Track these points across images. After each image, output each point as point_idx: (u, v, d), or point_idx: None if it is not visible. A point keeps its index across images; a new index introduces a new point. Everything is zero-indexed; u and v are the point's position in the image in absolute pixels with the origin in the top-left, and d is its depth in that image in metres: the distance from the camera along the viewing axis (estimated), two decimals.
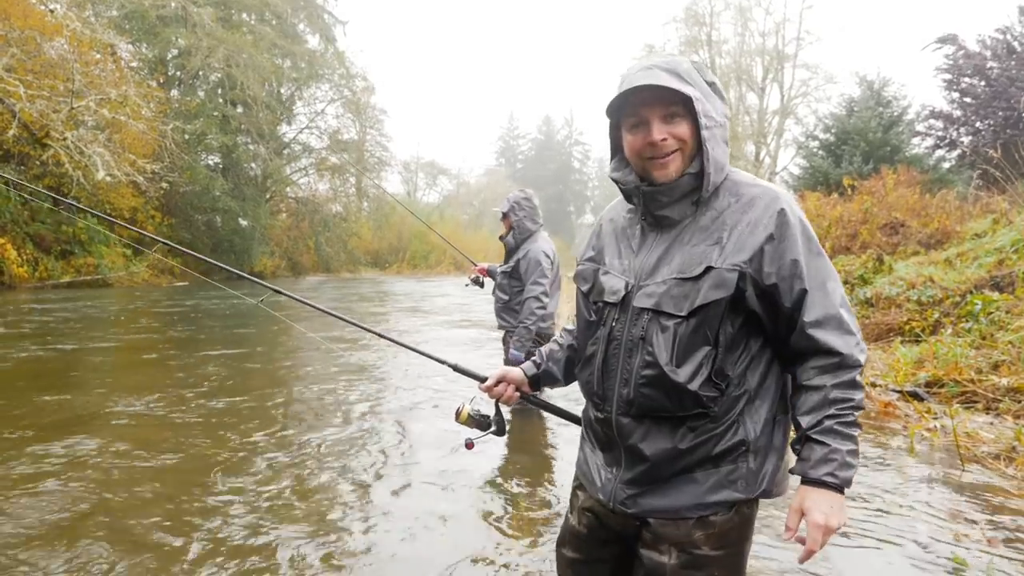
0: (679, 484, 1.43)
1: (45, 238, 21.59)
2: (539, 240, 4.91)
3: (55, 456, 4.21)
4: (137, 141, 22.92)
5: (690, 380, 1.37)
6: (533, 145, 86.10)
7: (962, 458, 4.15)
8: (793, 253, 1.37)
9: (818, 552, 1.38)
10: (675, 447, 1.41)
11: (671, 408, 1.40)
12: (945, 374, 5.69)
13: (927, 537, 3.09)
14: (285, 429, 4.97)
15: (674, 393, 1.38)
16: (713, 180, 1.42)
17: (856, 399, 1.35)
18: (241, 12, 36.06)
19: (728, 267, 1.37)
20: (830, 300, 1.38)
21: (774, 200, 1.41)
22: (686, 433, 1.41)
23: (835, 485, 1.34)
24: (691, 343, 1.38)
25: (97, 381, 6.71)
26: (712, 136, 1.40)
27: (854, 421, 1.35)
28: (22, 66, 18.78)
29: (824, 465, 1.34)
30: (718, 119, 1.42)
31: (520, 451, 4.56)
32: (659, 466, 1.43)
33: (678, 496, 1.43)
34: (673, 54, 1.50)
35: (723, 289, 1.36)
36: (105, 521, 3.24)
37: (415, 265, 48.94)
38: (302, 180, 42.37)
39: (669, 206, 1.46)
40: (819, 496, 1.35)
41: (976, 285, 7.36)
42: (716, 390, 1.37)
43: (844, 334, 1.37)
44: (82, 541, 3.00)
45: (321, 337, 9.36)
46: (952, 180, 17.42)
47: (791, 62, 37.44)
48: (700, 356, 1.37)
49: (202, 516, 3.30)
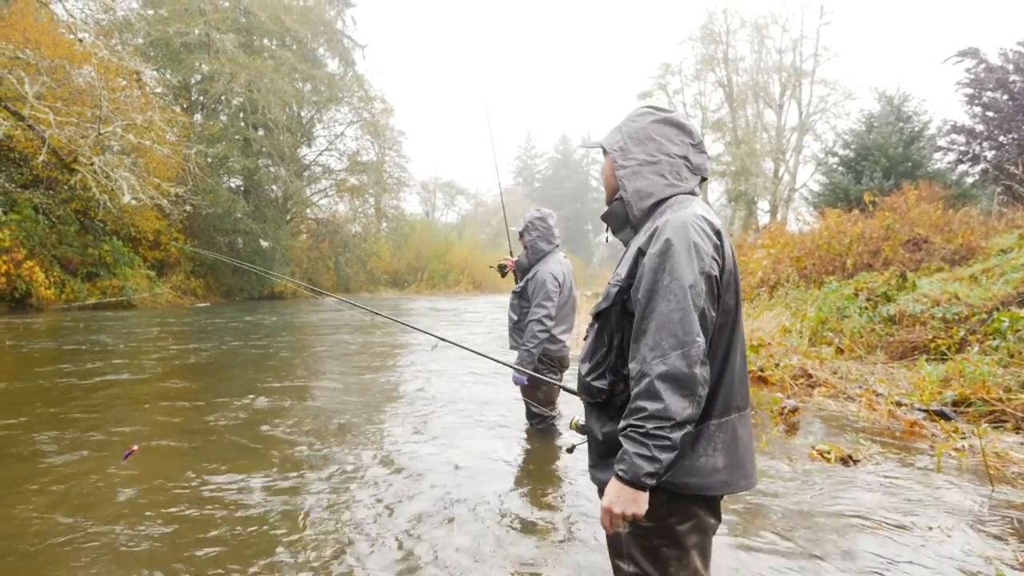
0: (609, 465, 1.70)
1: (72, 260, 22.00)
2: (550, 261, 4.84)
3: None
4: (161, 165, 23.36)
5: (588, 373, 1.80)
6: (550, 164, 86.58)
7: (991, 478, 4.06)
8: (646, 269, 1.66)
9: (609, 529, 1.65)
10: (594, 430, 1.83)
11: (585, 396, 1.83)
12: (972, 393, 5.58)
13: (957, 559, 3.03)
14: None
15: (581, 383, 1.84)
16: (637, 207, 1.85)
17: (650, 408, 1.55)
18: (263, 38, 36.78)
19: (614, 282, 1.76)
20: (648, 311, 1.62)
21: (660, 230, 1.68)
22: (600, 419, 1.81)
23: (624, 479, 1.58)
24: (595, 343, 1.80)
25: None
26: (626, 173, 1.86)
27: (646, 431, 1.55)
28: (52, 93, 19.25)
29: (619, 462, 1.60)
30: (641, 159, 1.86)
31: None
32: (593, 444, 1.86)
33: (606, 472, 1.71)
34: (647, 107, 1.95)
35: (606, 300, 1.77)
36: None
37: (434, 285, 49.19)
38: (322, 201, 42.92)
39: (618, 231, 1.95)
40: (612, 485, 1.62)
41: (1003, 302, 7.24)
42: (607, 384, 1.76)
43: (646, 347, 1.60)
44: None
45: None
46: (975, 195, 17.22)
47: (809, 78, 37.35)
48: (599, 354, 1.78)
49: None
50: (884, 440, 5.07)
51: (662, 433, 1.53)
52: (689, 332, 1.56)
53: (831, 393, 6.60)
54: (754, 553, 3.11)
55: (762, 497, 3.81)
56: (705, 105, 41.07)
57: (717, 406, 1.70)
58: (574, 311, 5.08)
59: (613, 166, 1.90)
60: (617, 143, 1.91)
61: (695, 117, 39.60)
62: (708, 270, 1.62)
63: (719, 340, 1.70)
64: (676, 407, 1.53)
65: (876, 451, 4.77)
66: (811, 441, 5.01)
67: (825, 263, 11.95)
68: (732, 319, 1.72)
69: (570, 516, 3.62)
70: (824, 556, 3.08)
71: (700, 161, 1.89)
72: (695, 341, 1.56)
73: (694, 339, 1.56)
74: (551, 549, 3.18)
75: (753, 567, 2.97)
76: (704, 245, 1.64)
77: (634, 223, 1.86)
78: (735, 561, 3.01)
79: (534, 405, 5.08)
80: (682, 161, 1.85)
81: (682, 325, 1.56)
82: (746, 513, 3.57)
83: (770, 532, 3.35)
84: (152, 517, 3.52)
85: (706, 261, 1.63)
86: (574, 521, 3.55)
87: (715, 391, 1.69)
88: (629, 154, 1.87)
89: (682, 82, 41.23)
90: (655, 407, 1.53)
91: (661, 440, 1.54)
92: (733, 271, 1.72)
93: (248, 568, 2.96)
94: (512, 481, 4.26)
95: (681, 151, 1.85)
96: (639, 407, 1.56)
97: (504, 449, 4.98)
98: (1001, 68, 17.00)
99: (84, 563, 3.01)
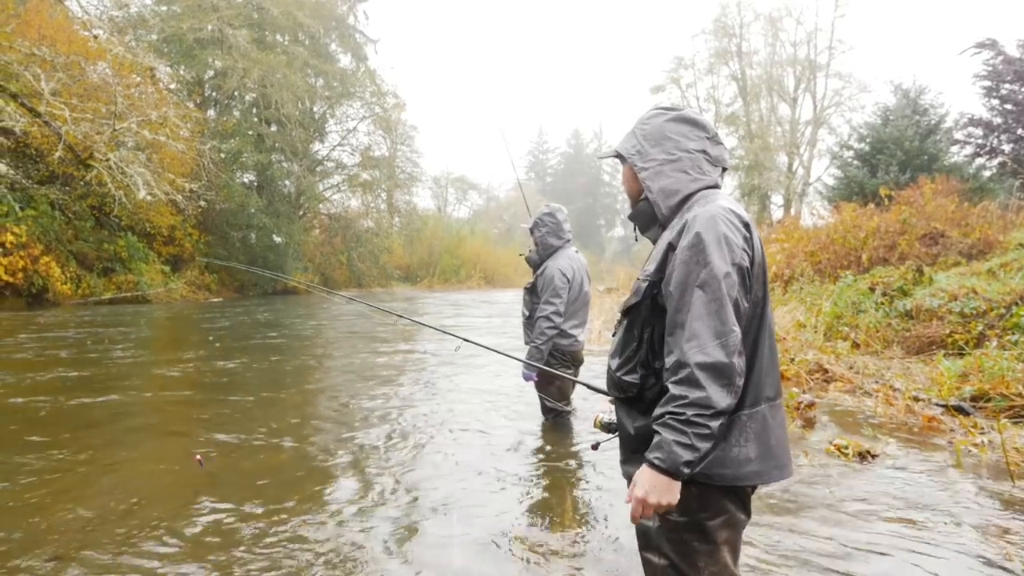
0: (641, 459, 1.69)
1: (87, 256, 22.19)
2: (560, 257, 4.85)
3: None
4: (175, 161, 23.49)
5: (618, 368, 1.80)
6: (562, 159, 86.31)
7: (1012, 474, 4.03)
8: (678, 262, 1.67)
9: (639, 519, 1.64)
10: (625, 426, 1.84)
11: (615, 392, 1.85)
12: (991, 388, 5.53)
13: (976, 554, 3.01)
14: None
15: (611, 379, 1.85)
16: (665, 204, 1.85)
17: (691, 396, 1.54)
18: (275, 33, 36.85)
19: (644, 277, 1.78)
20: (682, 303, 1.62)
21: (690, 225, 1.69)
22: (631, 415, 1.82)
23: (660, 468, 1.56)
24: (625, 339, 1.81)
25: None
26: (648, 175, 1.87)
27: (687, 418, 1.54)
28: (67, 90, 19.39)
29: (654, 450, 1.58)
30: (661, 159, 1.87)
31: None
32: (624, 440, 1.87)
33: (639, 466, 1.68)
34: (657, 107, 1.97)
35: (636, 295, 1.78)
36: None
37: (446, 279, 49.24)
38: (334, 196, 42.94)
39: (646, 230, 1.95)
40: (646, 474, 1.59)
41: (1022, 296, 7.16)
42: (639, 379, 1.76)
43: (683, 339, 1.60)
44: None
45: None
46: (993, 189, 17.00)
47: (823, 72, 36.99)
48: (630, 350, 1.79)
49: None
50: (902, 435, 5.04)
51: (702, 421, 1.54)
52: (726, 322, 1.58)
53: (847, 388, 6.56)
54: (769, 548, 3.10)
55: (779, 491, 3.80)
56: (718, 99, 40.79)
57: (748, 396, 1.71)
58: (586, 306, 5.06)
59: (634, 170, 1.92)
60: (634, 147, 1.93)
61: (708, 111, 39.35)
62: (739, 261, 1.65)
63: (748, 331, 1.71)
64: (716, 396, 1.54)
65: (894, 446, 4.75)
66: (828, 436, 4.99)
67: (840, 257, 11.87)
68: (760, 310, 1.74)
69: (588, 513, 3.62)
70: (840, 550, 3.07)
71: (718, 153, 1.91)
72: (732, 331, 1.58)
73: (731, 328, 1.58)
74: (573, 544, 3.19)
75: (767, 560, 2.97)
76: (734, 237, 1.66)
77: (663, 221, 1.87)
78: (749, 554, 3.00)
79: (548, 400, 5.09)
80: (701, 155, 1.87)
81: (719, 316, 1.58)
82: (762, 507, 3.56)
83: (786, 526, 3.34)
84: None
85: (737, 252, 1.65)
86: (595, 515, 3.55)
87: (746, 381, 1.69)
88: (648, 156, 1.89)
89: (695, 76, 40.97)
90: (696, 395, 1.54)
91: (701, 428, 1.54)
92: (762, 262, 1.74)
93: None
94: (527, 476, 4.27)
95: (698, 146, 1.87)
96: (679, 395, 1.56)
97: (519, 442, 5.00)
98: (1020, 60, 16.76)
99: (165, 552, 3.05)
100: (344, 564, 2.99)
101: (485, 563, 3.00)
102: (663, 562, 1.79)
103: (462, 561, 3.03)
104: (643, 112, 2.00)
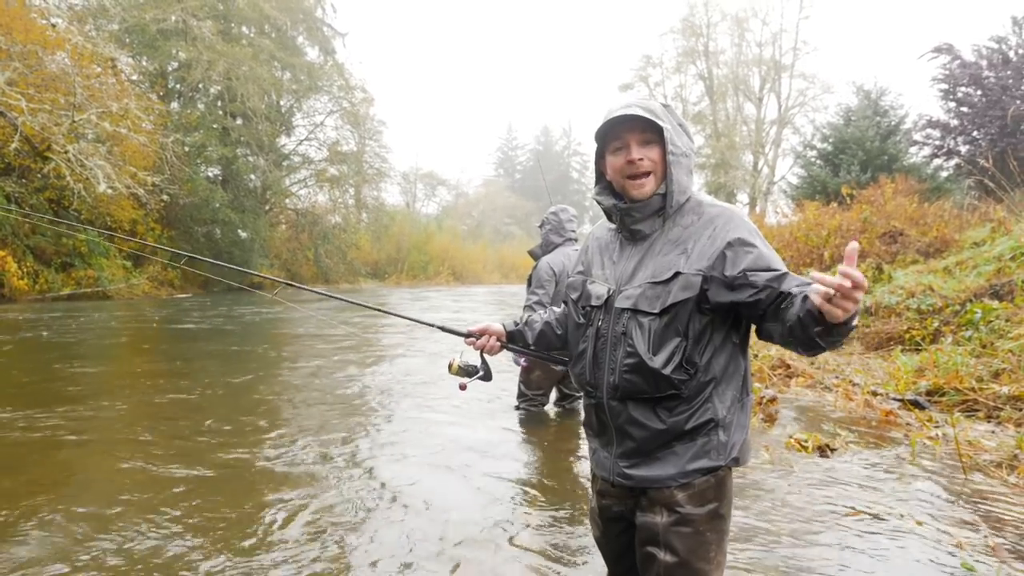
0: (664, 457, 1.71)
1: (45, 251, 21.62)
2: (556, 253, 5.13)
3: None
4: (137, 154, 23.00)
5: (664, 366, 1.65)
6: (532, 155, 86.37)
7: (964, 467, 4.16)
8: (754, 250, 1.64)
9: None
10: (653, 424, 1.70)
11: (648, 390, 1.68)
12: (946, 383, 5.71)
13: (931, 544, 3.10)
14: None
15: (651, 378, 1.66)
16: (676, 199, 1.74)
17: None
18: (241, 25, 36.28)
19: (693, 272, 1.65)
20: (773, 262, 1.63)
21: (730, 218, 1.70)
22: (661, 412, 1.69)
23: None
24: (664, 335, 1.66)
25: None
26: (677, 162, 1.72)
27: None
28: (24, 80, 18.87)
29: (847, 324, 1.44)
30: (684, 150, 1.74)
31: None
32: (644, 440, 1.72)
33: (663, 467, 1.71)
34: (648, 98, 1.86)
35: (690, 290, 1.65)
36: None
37: (414, 276, 49.05)
38: (301, 191, 42.50)
39: (641, 221, 1.78)
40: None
41: (976, 294, 7.40)
42: (686, 374, 1.65)
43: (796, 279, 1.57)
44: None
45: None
46: (950, 189, 17.50)
47: (788, 72, 37.72)
48: (672, 346, 1.65)
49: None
50: (860, 429, 5.17)
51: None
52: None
53: (808, 383, 6.71)
54: (731, 541, 3.16)
55: (740, 485, 3.87)
56: (686, 98, 41.33)
57: (747, 383, 1.78)
58: None
59: (662, 149, 1.72)
60: (669, 125, 1.73)
61: (676, 109, 39.73)
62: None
63: (746, 327, 1.77)
64: None
65: (853, 440, 4.86)
66: (789, 431, 5.09)
67: (803, 255, 12.11)
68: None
69: (571, 499, 3.65)
70: (799, 543, 3.14)
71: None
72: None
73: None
74: (558, 535, 3.21)
75: (729, 554, 3.02)
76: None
77: (667, 215, 1.76)
78: None
79: (525, 386, 5.49)
80: (692, 161, 1.83)
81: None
82: None
83: (748, 520, 3.40)
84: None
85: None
86: (577, 502, 3.58)
87: (745, 370, 1.77)
88: (676, 141, 1.73)
89: (663, 74, 41.50)
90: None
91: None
92: None
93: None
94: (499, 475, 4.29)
95: (693, 150, 1.85)
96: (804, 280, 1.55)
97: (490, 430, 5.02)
98: (975, 64, 17.25)
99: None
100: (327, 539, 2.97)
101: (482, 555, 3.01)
102: (670, 559, 1.70)
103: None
104: (634, 98, 1.80)
